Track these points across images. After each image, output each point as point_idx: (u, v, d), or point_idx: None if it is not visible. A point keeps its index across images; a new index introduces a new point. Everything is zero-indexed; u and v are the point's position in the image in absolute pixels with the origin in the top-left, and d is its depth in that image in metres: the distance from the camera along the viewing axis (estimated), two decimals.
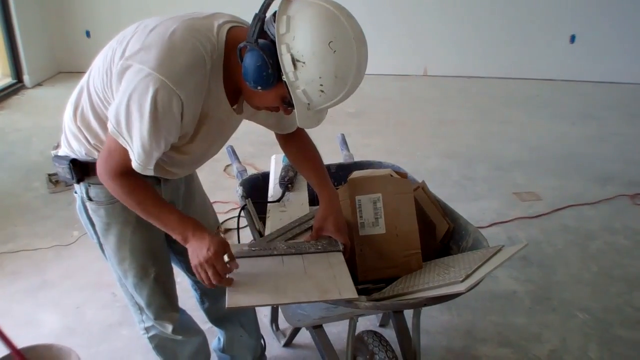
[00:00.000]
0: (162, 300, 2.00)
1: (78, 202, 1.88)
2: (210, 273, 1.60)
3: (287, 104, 1.52)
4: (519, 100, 6.48)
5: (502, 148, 5.05)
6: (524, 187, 4.29)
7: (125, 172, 1.60)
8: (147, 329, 2.07)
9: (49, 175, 4.20)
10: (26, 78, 6.84)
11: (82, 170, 1.77)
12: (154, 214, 1.67)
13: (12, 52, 6.72)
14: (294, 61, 1.40)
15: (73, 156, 1.77)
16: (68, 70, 7.43)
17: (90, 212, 1.85)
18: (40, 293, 3.09)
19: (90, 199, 1.82)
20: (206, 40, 1.51)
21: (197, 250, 1.61)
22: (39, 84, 7.01)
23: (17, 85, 6.78)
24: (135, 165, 1.55)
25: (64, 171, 1.80)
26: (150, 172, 1.58)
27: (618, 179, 4.39)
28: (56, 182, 4.19)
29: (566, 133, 5.44)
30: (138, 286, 1.95)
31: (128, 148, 1.53)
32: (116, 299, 3.03)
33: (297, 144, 2.00)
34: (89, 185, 1.79)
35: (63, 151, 1.82)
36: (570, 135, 5.37)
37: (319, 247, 1.86)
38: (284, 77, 1.43)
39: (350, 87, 1.47)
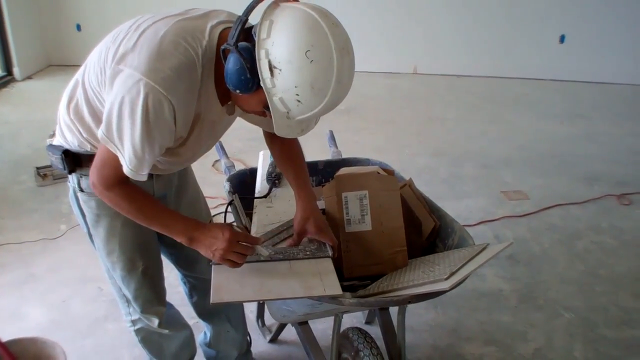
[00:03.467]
0: (150, 294, 2.01)
1: (70, 192, 1.88)
2: (239, 250, 1.61)
3: (268, 109, 1.49)
4: (508, 100, 6.50)
5: (490, 147, 5.07)
6: (512, 186, 4.31)
7: (120, 181, 1.59)
8: (133, 322, 2.08)
9: (37, 168, 4.18)
10: (16, 71, 6.80)
11: (74, 161, 1.77)
12: (154, 219, 1.68)
13: (2, 45, 6.67)
14: (271, 67, 1.38)
15: (66, 147, 1.78)
16: (58, 64, 7.40)
17: (81, 202, 1.85)
18: (26, 286, 3.08)
19: (81, 190, 1.82)
20: (197, 43, 1.50)
21: (213, 241, 1.61)
22: (29, 77, 6.97)
23: (7, 78, 6.74)
24: (126, 170, 1.53)
25: (56, 161, 1.80)
26: (143, 177, 1.57)
27: (605, 179, 4.41)
28: (44, 176, 4.17)
29: (554, 132, 5.46)
30: (126, 279, 1.95)
31: (118, 154, 1.52)
32: (102, 293, 3.02)
33: (282, 143, 1.99)
34: (81, 177, 1.79)
35: (57, 141, 1.83)
36: (558, 135, 5.40)
37: (308, 253, 1.85)
38: (262, 83, 1.41)
39: (331, 99, 1.42)
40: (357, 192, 1.97)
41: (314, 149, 2.80)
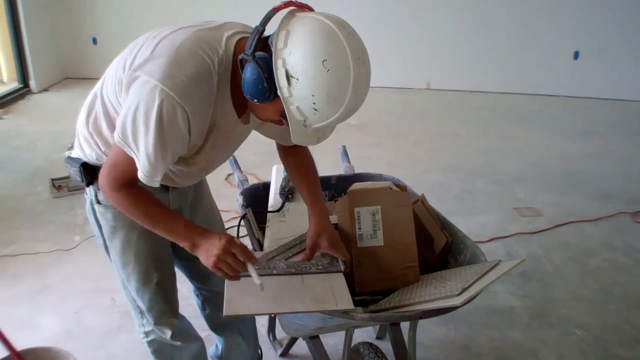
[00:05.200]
0: (163, 306, 2.02)
1: (87, 204, 1.90)
2: (230, 261, 1.60)
3: (285, 118, 1.51)
4: (521, 116, 6.49)
5: (503, 163, 5.06)
6: (525, 203, 4.29)
7: (128, 183, 1.61)
8: (146, 333, 2.08)
9: (53, 180, 4.23)
10: (32, 83, 6.87)
11: (92, 173, 1.79)
12: (160, 222, 1.68)
13: (19, 57, 6.76)
14: (288, 77, 1.40)
15: (84, 159, 1.80)
16: (74, 77, 7.48)
17: (98, 214, 1.87)
18: (40, 297, 3.10)
19: (98, 202, 1.84)
20: (214, 52, 1.52)
21: (210, 247, 1.61)
22: (45, 89, 7.05)
23: (24, 90, 6.82)
24: (141, 176, 1.56)
25: (74, 173, 1.82)
26: (156, 183, 1.59)
27: (619, 197, 4.39)
28: (59, 187, 4.21)
29: (568, 149, 5.45)
30: (140, 290, 1.96)
31: (135, 157, 1.54)
32: (115, 304, 3.04)
33: (295, 157, 2.02)
34: (98, 189, 1.80)
35: (76, 153, 1.85)
36: (572, 152, 5.38)
37: (320, 267, 1.86)
38: (279, 92, 1.43)
39: (347, 108, 1.45)
40: (369, 207, 1.98)
41: (327, 164, 2.82)
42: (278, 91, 1.43)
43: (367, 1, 6.96)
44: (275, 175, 2.50)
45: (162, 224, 1.68)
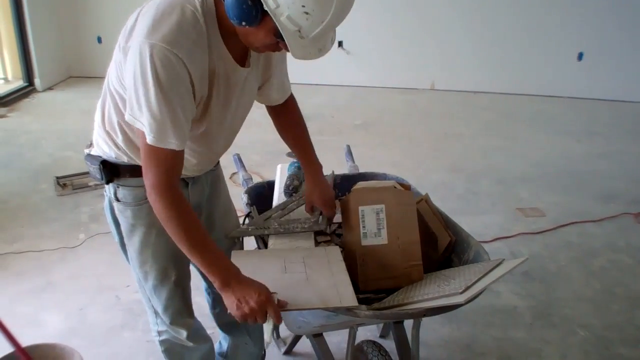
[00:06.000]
0: (180, 305, 2.01)
1: (106, 202, 1.91)
2: (260, 318, 1.56)
3: (279, 37, 1.48)
4: (525, 116, 6.49)
5: (506, 163, 5.07)
6: (528, 203, 4.30)
7: (171, 186, 1.57)
8: (159, 333, 2.07)
9: (57, 178, 4.24)
10: (37, 81, 6.89)
11: (111, 171, 1.79)
12: (198, 246, 1.60)
13: (24, 56, 6.78)
14: None
15: (104, 157, 1.80)
16: (79, 75, 7.50)
17: (116, 212, 1.87)
18: (44, 294, 3.12)
19: (117, 200, 1.84)
20: None
21: (244, 296, 1.56)
22: (50, 88, 7.07)
23: (29, 89, 6.84)
24: (149, 139, 1.52)
25: (94, 171, 1.82)
26: (171, 144, 1.54)
27: (622, 197, 4.39)
28: (64, 185, 4.23)
29: (571, 150, 5.45)
30: (157, 289, 1.95)
31: (141, 126, 1.52)
32: (119, 302, 3.05)
33: (286, 115, 2.08)
34: (118, 187, 1.81)
35: (95, 151, 1.85)
36: (575, 152, 5.38)
37: (305, 226, 2.07)
38: (265, 6, 1.41)
39: (339, 5, 1.42)
40: (374, 205, 1.98)
41: (331, 163, 2.82)
42: (264, 5, 1.42)
43: (372, 3, 6.96)
44: (280, 174, 2.51)
45: (200, 249, 1.60)
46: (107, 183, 1.83)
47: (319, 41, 1.51)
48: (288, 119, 2.09)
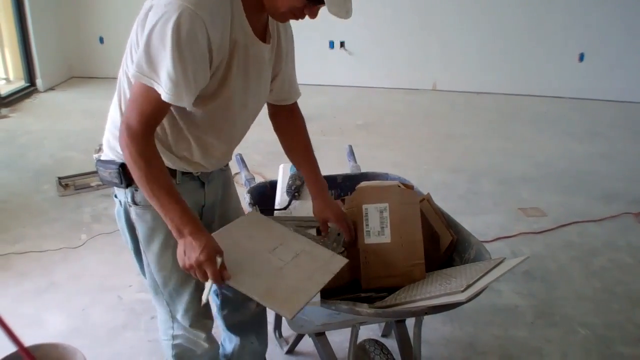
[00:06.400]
0: (200, 307, 1.93)
1: (118, 207, 1.87)
2: (199, 275, 1.59)
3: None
4: (527, 117, 6.50)
5: (508, 163, 5.07)
6: (529, 203, 4.30)
7: (147, 135, 1.57)
8: (174, 337, 2.01)
9: (59, 178, 4.25)
10: (39, 82, 6.91)
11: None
12: (161, 195, 1.59)
13: (26, 56, 6.80)
14: None
15: (120, 160, 1.75)
16: (81, 75, 7.51)
17: (133, 216, 1.83)
18: (46, 294, 3.13)
19: (135, 203, 1.80)
20: None
21: (189, 250, 1.57)
22: (52, 88, 7.08)
23: (30, 89, 6.85)
24: (164, 96, 1.52)
25: (110, 175, 1.77)
26: (184, 103, 1.56)
27: (623, 197, 4.40)
28: (66, 186, 4.24)
29: (572, 150, 5.46)
30: (178, 292, 1.91)
31: (153, 83, 1.52)
32: (121, 302, 3.06)
33: (290, 122, 2.07)
34: (136, 190, 1.77)
35: (107, 155, 1.81)
36: (576, 153, 5.39)
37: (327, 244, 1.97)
38: None
39: None
40: (377, 204, 1.99)
41: (333, 164, 2.84)
42: None
43: (374, 3, 6.97)
44: (282, 173, 2.52)
45: (162, 197, 1.60)
46: (127, 187, 1.77)
47: (348, 1, 1.55)
48: (292, 123, 2.06)
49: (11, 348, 1.91)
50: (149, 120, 1.57)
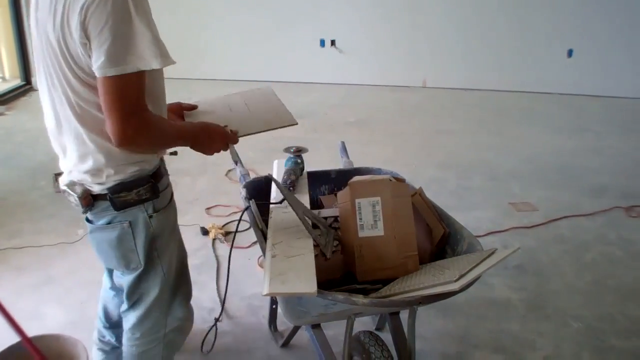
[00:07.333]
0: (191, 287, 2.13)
1: (121, 232, 1.78)
2: (223, 146, 1.90)
3: None
4: (516, 113, 6.56)
5: (498, 159, 5.12)
6: (520, 198, 4.35)
7: (144, 108, 1.57)
8: (165, 335, 2.04)
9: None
10: (34, 80, 6.89)
11: (153, 189, 1.78)
12: (175, 131, 1.76)
13: (22, 55, 6.81)
14: None
15: (145, 169, 1.75)
16: None
17: (156, 225, 1.81)
18: (45, 288, 3.15)
19: (157, 210, 1.80)
20: None
21: (209, 141, 1.84)
22: None
23: (26, 87, 6.88)
24: (158, 63, 1.53)
25: (139, 194, 1.74)
26: (173, 61, 1.58)
27: (613, 191, 4.46)
28: None
29: (562, 145, 5.51)
30: (180, 277, 2.01)
31: (138, 63, 1.50)
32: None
33: None
34: (156, 199, 1.79)
35: (114, 179, 1.73)
36: (566, 148, 5.45)
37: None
38: None
39: None
40: (370, 198, 2.03)
41: (325, 160, 2.87)
42: None
43: (365, 1, 7.01)
44: (277, 168, 2.55)
45: (176, 130, 1.77)
46: (151, 199, 1.77)
47: None
48: None
49: (13, 339, 1.94)
50: (142, 97, 1.56)
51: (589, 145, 5.52)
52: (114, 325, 2.25)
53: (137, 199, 1.74)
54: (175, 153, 2.00)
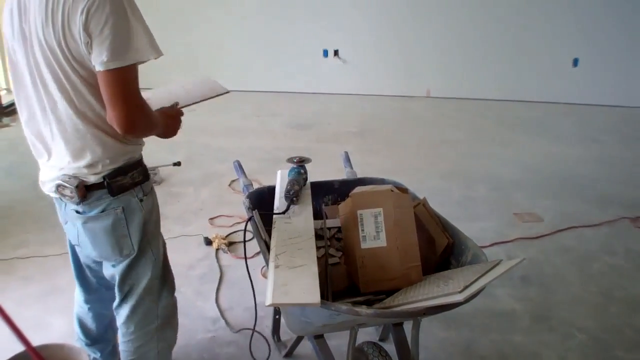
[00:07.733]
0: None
1: (115, 219, 1.89)
2: (179, 122, 2.01)
3: None
4: (521, 123, 6.55)
5: (502, 169, 5.11)
6: (525, 208, 4.34)
7: (141, 96, 1.71)
8: (165, 307, 2.13)
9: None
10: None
11: (144, 171, 1.95)
12: (159, 119, 1.87)
13: None
14: None
15: (134, 157, 1.89)
16: None
17: (147, 207, 1.95)
18: (50, 298, 3.15)
19: (146, 194, 1.94)
20: None
21: (172, 120, 1.97)
22: None
23: None
24: (153, 55, 1.67)
25: (132, 178, 1.88)
26: (162, 53, 1.69)
27: (619, 202, 4.44)
28: None
29: (567, 155, 5.50)
30: (166, 267, 2.12)
31: (137, 56, 1.64)
32: None
33: None
34: (144, 183, 1.93)
35: (110, 166, 1.84)
36: (571, 158, 5.43)
37: None
38: None
39: None
40: (371, 209, 2.03)
41: (328, 170, 2.87)
42: None
43: (368, 11, 7.03)
44: (280, 179, 2.56)
45: (158, 117, 1.86)
46: (143, 182, 1.93)
47: None
48: None
49: (18, 348, 1.94)
50: (139, 87, 1.70)
51: (594, 155, 5.50)
52: (94, 340, 2.34)
53: (131, 182, 1.86)
54: (178, 163, 2.05)
